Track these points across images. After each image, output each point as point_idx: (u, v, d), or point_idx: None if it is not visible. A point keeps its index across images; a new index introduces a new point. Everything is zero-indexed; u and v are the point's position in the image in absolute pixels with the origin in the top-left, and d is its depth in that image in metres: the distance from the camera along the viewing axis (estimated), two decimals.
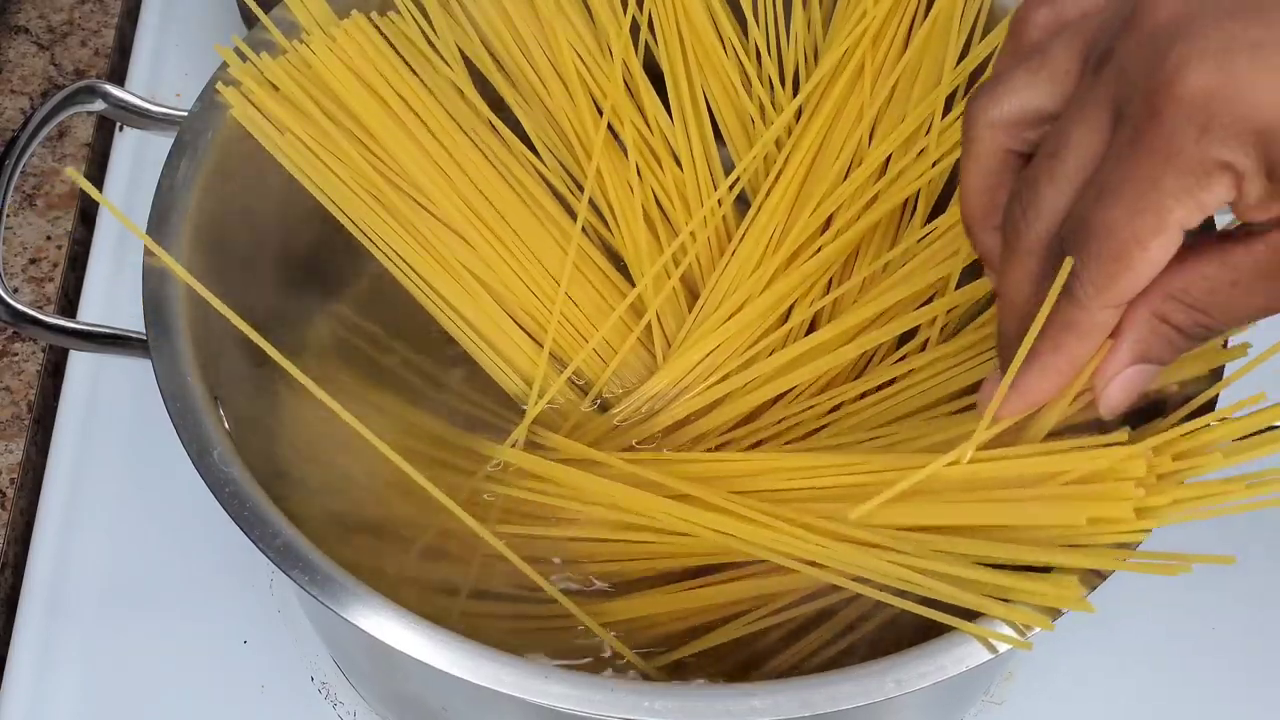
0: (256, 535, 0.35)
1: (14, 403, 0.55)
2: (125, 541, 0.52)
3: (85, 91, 0.45)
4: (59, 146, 0.63)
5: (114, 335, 0.42)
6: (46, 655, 0.49)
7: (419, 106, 0.47)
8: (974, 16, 0.49)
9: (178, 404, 0.38)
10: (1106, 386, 0.32)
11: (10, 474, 0.53)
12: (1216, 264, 0.30)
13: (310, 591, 0.34)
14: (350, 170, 0.46)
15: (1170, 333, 0.31)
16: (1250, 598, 0.51)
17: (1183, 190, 0.27)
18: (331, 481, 0.43)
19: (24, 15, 0.68)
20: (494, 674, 0.33)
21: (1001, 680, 0.50)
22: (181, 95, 0.65)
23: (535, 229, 0.49)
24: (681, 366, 0.48)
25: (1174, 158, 0.27)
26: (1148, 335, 0.31)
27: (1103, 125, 0.29)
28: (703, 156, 0.51)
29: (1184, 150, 0.27)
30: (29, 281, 0.59)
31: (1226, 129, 0.27)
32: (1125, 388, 0.33)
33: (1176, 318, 0.31)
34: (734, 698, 0.33)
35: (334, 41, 0.46)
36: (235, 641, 0.50)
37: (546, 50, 0.50)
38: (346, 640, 0.45)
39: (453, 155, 0.48)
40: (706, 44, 0.52)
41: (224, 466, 0.37)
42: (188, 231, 0.42)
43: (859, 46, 0.49)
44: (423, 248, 0.47)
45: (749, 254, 0.49)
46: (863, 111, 0.49)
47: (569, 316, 0.49)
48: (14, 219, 0.60)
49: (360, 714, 0.49)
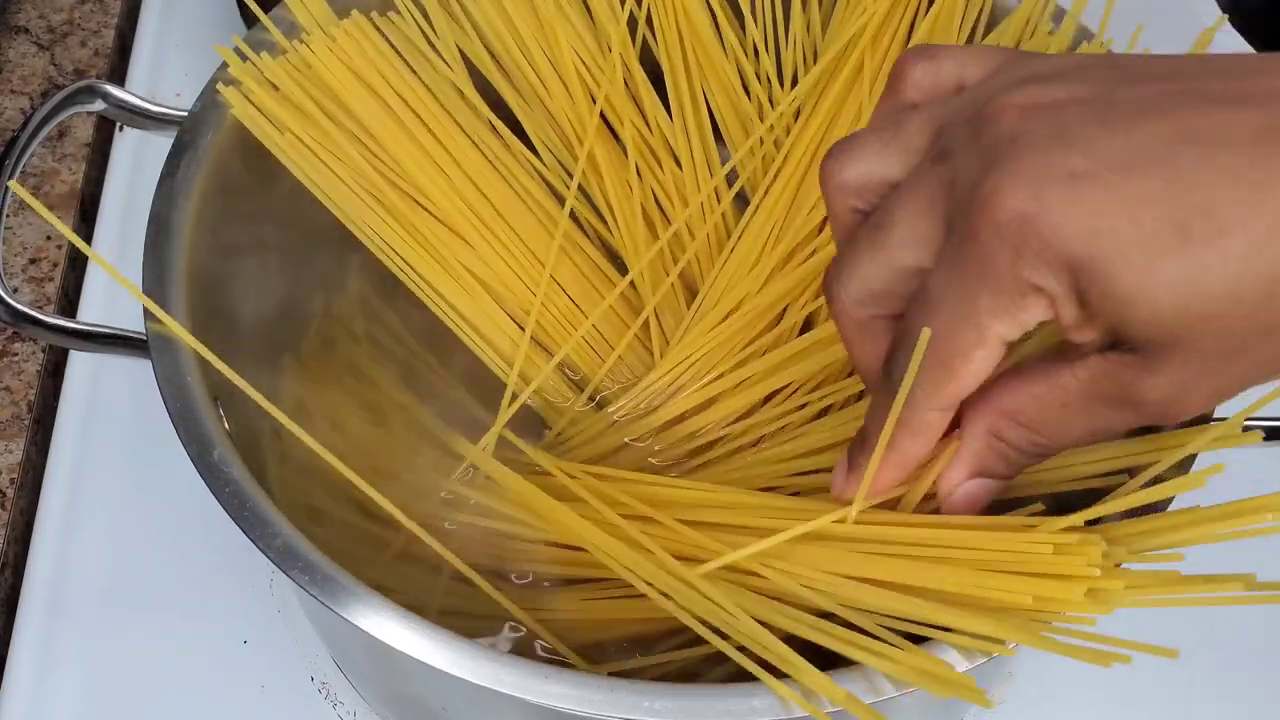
0: (256, 535, 0.35)
1: (14, 403, 0.55)
2: (125, 541, 0.52)
3: (85, 91, 0.45)
4: (59, 146, 0.63)
5: (114, 335, 0.42)
6: (46, 655, 0.49)
7: (419, 106, 0.47)
8: (975, 15, 0.49)
9: (178, 404, 0.38)
10: (950, 496, 0.33)
11: (10, 474, 0.53)
12: (1045, 385, 0.30)
13: (310, 591, 0.34)
14: (350, 170, 0.46)
15: (1007, 450, 0.32)
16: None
17: (999, 308, 0.28)
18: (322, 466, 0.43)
19: (24, 15, 0.68)
20: (494, 674, 0.33)
21: (1002, 680, 0.50)
22: (181, 95, 0.65)
23: (535, 229, 0.49)
24: (679, 363, 0.48)
25: (989, 277, 0.28)
26: (984, 451, 0.32)
27: (932, 217, 0.30)
28: (702, 156, 0.51)
29: (998, 271, 0.28)
30: (29, 281, 0.59)
31: (1038, 255, 0.27)
32: (967, 499, 0.33)
33: (1011, 436, 0.31)
34: (734, 698, 0.33)
35: (334, 42, 0.46)
36: (235, 641, 0.50)
37: (546, 50, 0.50)
38: (346, 640, 0.45)
39: (453, 155, 0.48)
40: (706, 43, 0.52)
41: (224, 466, 0.36)
42: (187, 232, 0.42)
43: (858, 44, 0.49)
44: (422, 247, 0.47)
45: (747, 252, 0.49)
46: (862, 110, 0.49)
47: (564, 312, 0.49)
48: (14, 219, 0.60)
49: (360, 714, 0.49)
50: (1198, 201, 0.26)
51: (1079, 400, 0.30)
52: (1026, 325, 0.29)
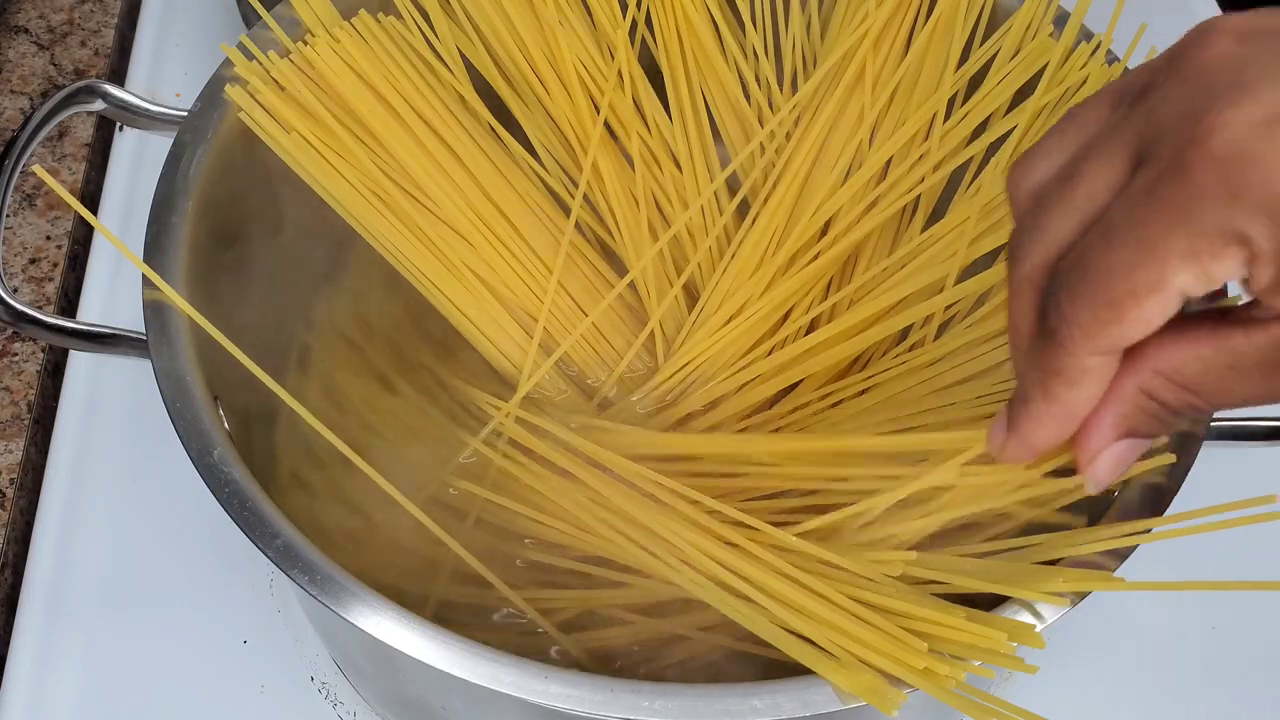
0: (256, 535, 0.35)
1: (14, 403, 0.55)
2: (125, 541, 0.52)
3: (85, 91, 0.45)
4: (59, 146, 0.63)
5: (114, 335, 0.42)
6: (46, 655, 0.49)
7: (423, 107, 0.47)
8: (975, 19, 0.49)
9: (178, 404, 0.38)
10: (1094, 460, 0.30)
11: (10, 474, 0.53)
12: (1214, 347, 0.28)
13: (310, 591, 0.34)
14: (356, 170, 0.46)
15: (1158, 409, 0.29)
16: (1250, 597, 0.51)
17: (1191, 254, 0.25)
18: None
19: (24, 15, 0.68)
20: (494, 674, 0.33)
21: (1002, 680, 0.50)
22: (181, 95, 0.65)
23: (537, 230, 0.49)
24: (681, 368, 0.48)
25: (1191, 218, 0.25)
26: (1135, 411, 0.29)
27: (1123, 159, 0.27)
28: (702, 159, 0.51)
29: (1204, 213, 0.25)
30: (29, 281, 0.59)
31: (1257, 203, 0.24)
32: (1114, 462, 0.31)
33: (1165, 395, 0.29)
34: (734, 698, 0.33)
35: (337, 42, 0.46)
36: (235, 641, 0.50)
37: (547, 54, 0.50)
38: (346, 640, 0.45)
39: (458, 155, 0.48)
40: (706, 47, 0.52)
41: (224, 466, 0.37)
42: (187, 232, 0.42)
43: (860, 49, 0.49)
44: (427, 248, 0.47)
45: (749, 256, 0.49)
46: (863, 114, 0.49)
47: (568, 315, 0.49)
48: (14, 219, 0.60)
49: (360, 714, 0.49)
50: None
51: (1250, 366, 0.27)
52: (1215, 281, 0.25)
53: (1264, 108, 0.24)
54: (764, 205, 0.50)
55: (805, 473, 0.43)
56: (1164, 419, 0.29)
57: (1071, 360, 0.28)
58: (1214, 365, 0.28)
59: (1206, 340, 0.28)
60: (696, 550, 0.38)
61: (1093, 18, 0.47)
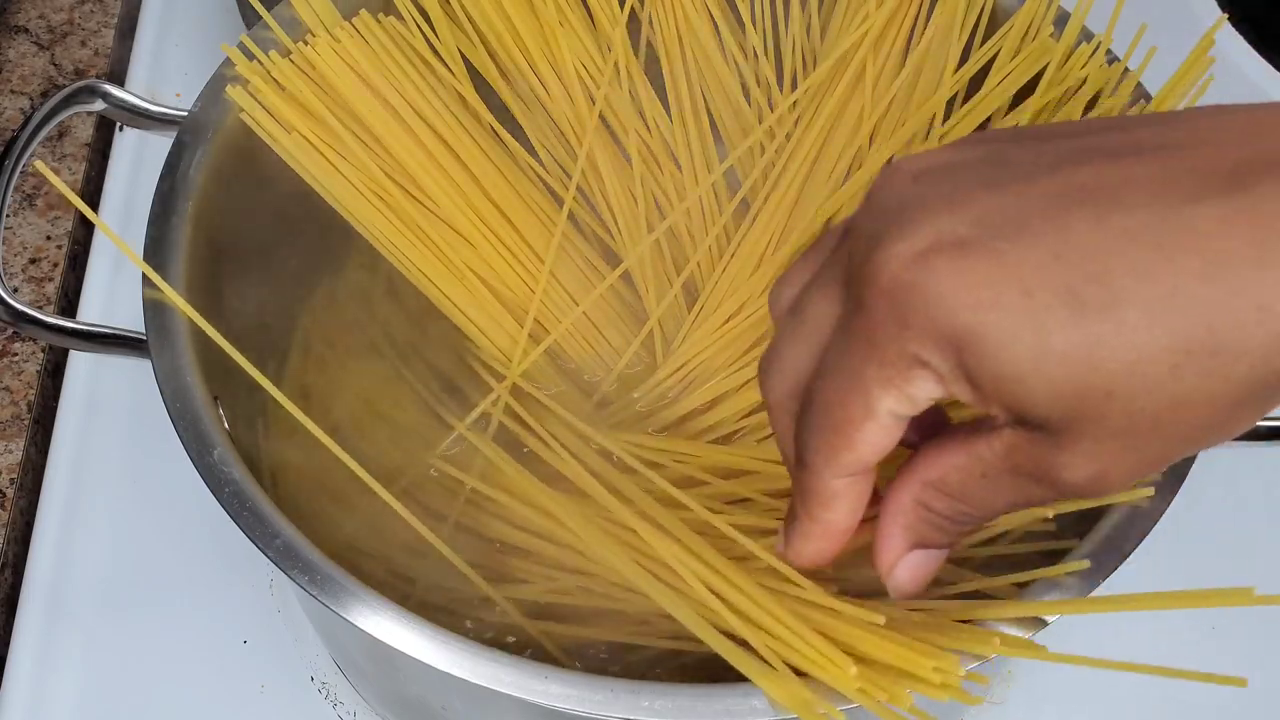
0: (256, 535, 0.35)
1: (14, 403, 0.55)
2: (125, 541, 0.52)
3: (85, 91, 0.45)
4: (59, 146, 0.63)
5: (114, 335, 0.42)
6: (46, 655, 0.49)
7: (422, 107, 0.47)
8: (975, 20, 0.49)
9: (178, 404, 0.38)
10: (892, 570, 0.31)
11: (10, 474, 0.53)
12: (965, 456, 0.28)
13: (310, 591, 0.34)
14: (357, 170, 0.46)
15: (938, 519, 0.30)
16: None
17: (886, 381, 0.27)
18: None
19: (24, 15, 0.68)
20: (493, 674, 0.33)
21: (1001, 680, 0.50)
22: (181, 95, 0.65)
23: (538, 231, 0.49)
24: (680, 366, 0.48)
25: (876, 347, 0.27)
26: (916, 522, 0.30)
27: (835, 292, 0.29)
28: (702, 158, 0.51)
29: (886, 344, 0.26)
30: (29, 281, 0.59)
31: (923, 329, 0.26)
32: (912, 572, 0.31)
33: (938, 506, 0.30)
34: (734, 698, 0.33)
35: (338, 42, 0.46)
36: (235, 641, 0.50)
37: (547, 54, 0.50)
38: (346, 640, 0.45)
39: (458, 155, 0.48)
40: (705, 46, 0.52)
41: (224, 466, 0.36)
42: (188, 232, 0.42)
43: (860, 49, 0.49)
44: (427, 248, 0.47)
45: (748, 255, 0.49)
46: (863, 114, 0.49)
47: (562, 307, 0.49)
48: (14, 219, 0.60)
49: (360, 714, 0.49)
50: (1091, 268, 0.24)
51: (998, 473, 0.28)
52: (918, 401, 0.27)
53: (919, 241, 0.26)
54: (764, 204, 0.50)
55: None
56: (946, 529, 0.30)
57: (820, 483, 0.30)
58: (970, 474, 0.28)
59: (960, 451, 0.29)
60: (654, 545, 0.37)
61: (1093, 18, 0.47)
